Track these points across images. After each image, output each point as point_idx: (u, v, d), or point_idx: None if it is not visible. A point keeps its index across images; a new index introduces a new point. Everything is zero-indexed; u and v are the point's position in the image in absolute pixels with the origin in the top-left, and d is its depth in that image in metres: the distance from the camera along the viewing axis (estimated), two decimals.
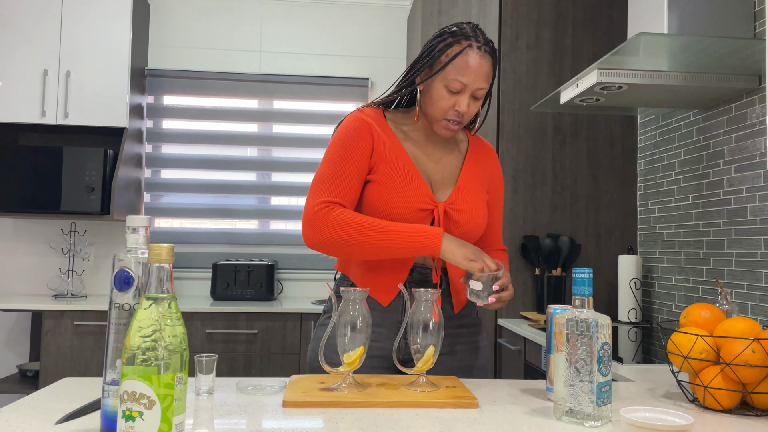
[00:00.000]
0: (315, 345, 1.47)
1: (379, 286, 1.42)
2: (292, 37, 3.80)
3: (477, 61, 1.35)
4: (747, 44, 1.83)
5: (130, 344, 0.77)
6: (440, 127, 1.41)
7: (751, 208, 2.08)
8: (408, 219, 1.38)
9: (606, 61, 1.98)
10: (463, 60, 1.34)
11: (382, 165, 1.40)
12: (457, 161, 1.50)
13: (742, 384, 1.09)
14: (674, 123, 2.57)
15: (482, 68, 1.35)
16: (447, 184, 1.46)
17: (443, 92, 1.37)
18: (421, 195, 1.39)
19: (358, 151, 1.38)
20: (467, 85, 1.35)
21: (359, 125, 1.40)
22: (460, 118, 1.39)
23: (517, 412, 1.08)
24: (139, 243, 0.90)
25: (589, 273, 1.05)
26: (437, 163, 1.47)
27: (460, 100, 1.37)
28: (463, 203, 1.43)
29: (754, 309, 2.05)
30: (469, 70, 1.34)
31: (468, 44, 1.35)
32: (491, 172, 1.54)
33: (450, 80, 1.35)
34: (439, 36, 1.39)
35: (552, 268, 2.76)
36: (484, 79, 1.36)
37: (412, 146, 1.46)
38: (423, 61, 1.39)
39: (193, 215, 3.68)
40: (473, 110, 1.39)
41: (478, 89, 1.37)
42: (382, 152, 1.41)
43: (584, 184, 2.88)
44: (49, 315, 3.00)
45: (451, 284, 1.45)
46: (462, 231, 1.42)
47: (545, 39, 2.89)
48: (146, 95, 3.68)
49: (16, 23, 3.24)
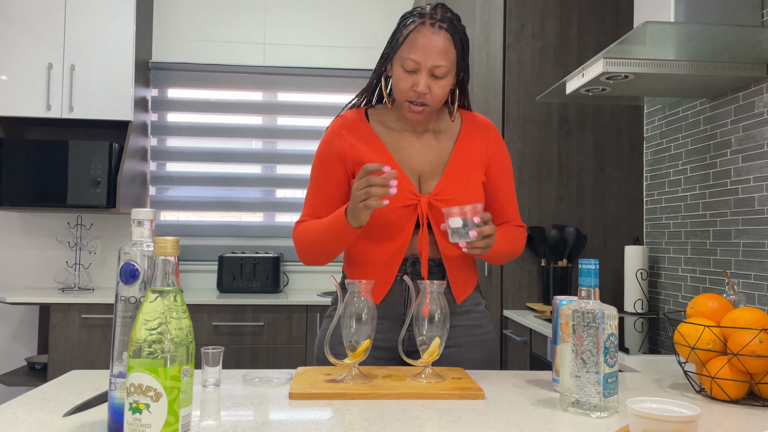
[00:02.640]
0: (322, 336, 1.48)
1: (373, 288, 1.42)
2: (296, 29, 3.79)
3: (428, 36, 1.32)
4: (754, 32, 1.81)
5: (137, 337, 0.77)
6: (405, 111, 1.38)
7: (759, 198, 2.06)
8: (391, 218, 1.37)
9: (612, 51, 1.97)
10: (414, 37, 1.33)
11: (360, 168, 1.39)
12: (447, 146, 1.46)
13: (749, 374, 1.09)
14: (681, 112, 2.55)
15: (434, 45, 1.32)
16: (436, 172, 1.43)
17: (401, 73, 1.35)
18: (401, 191, 1.38)
19: (328, 171, 1.43)
20: (420, 62, 1.32)
21: (326, 145, 1.45)
22: (421, 98, 1.35)
23: (523, 403, 1.08)
24: (144, 236, 0.90)
25: (596, 264, 1.05)
26: (427, 152, 1.44)
27: (417, 79, 1.33)
28: (451, 192, 1.40)
29: (761, 299, 2.04)
30: (418, 46, 1.32)
31: (421, 22, 1.33)
32: (488, 149, 1.48)
33: (404, 59, 1.34)
34: (401, 19, 1.39)
35: (558, 259, 2.76)
36: (439, 55, 1.32)
37: (398, 140, 1.44)
38: (387, 48, 1.40)
39: (199, 208, 3.69)
40: (438, 90, 1.35)
41: (434, 67, 1.32)
42: (357, 157, 1.41)
43: (590, 175, 2.86)
44: (57, 308, 3.01)
45: (450, 276, 1.44)
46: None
47: (550, 29, 2.87)
48: (151, 88, 3.68)
49: (20, 18, 3.24)
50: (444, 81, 1.35)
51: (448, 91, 1.38)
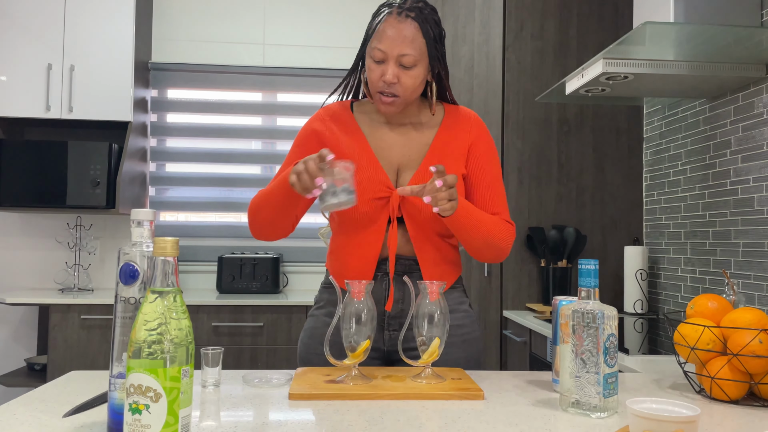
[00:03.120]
0: (306, 336, 1.46)
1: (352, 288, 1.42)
2: (295, 29, 3.79)
3: (394, 25, 1.30)
4: (754, 33, 1.81)
5: (136, 337, 0.77)
6: (378, 102, 1.36)
7: (758, 198, 2.06)
8: (363, 210, 1.36)
9: (611, 51, 1.97)
10: (382, 27, 1.31)
11: (338, 158, 1.39)
12: (427, 138, 1.43)
13: (749, 375, 1.09)
14: (680, 113, 2.55)
15: (400, 32, 1.29)
16: (414, 166, 1.41)
17: (371, 64, 1.34)
18: (375, 184, 1.36)
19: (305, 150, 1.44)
20: (386, 51, 1.30)
21: (308, 126, 1.46)
22: (390, 89, 1.33)
23: (523, 403, 1.08)
24: (144, 236, 0.90)
25: (595, 264, 1.05)
26: (406, 145, 1.42)
27: (384, 69, 1.32)
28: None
29: (761, 299, 2.04)
30: (385, 35, 1.30)
31: (388, 12, 1.32)
32: (470, 141, 1.43)
33: (372, 49, 1.33)
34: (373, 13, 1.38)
35: (557, 259, 2.76)
36: (404, 43, 1.29)
37: (379, 132, 1.43)
38: (362, 42, 1.39)
39: (198, 209, 3.69)
40: (407, 80, 1.32)
41: (401, 55, 1.30)
42: (336, 146, 1.41)
43: (590, 175, 2.86)
44: (56, 309, 3.01)
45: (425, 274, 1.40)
46: (426, 216, 1.36)
47: (550, 29, 2.87)
48: (150, 89, 3.68)
49: (19, 18, 3.24)
50: (413, 71, 1.32)
51: (420, 81, 1.35)
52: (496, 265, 2.83)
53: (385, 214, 1.38)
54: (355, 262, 1.40)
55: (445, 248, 1.44)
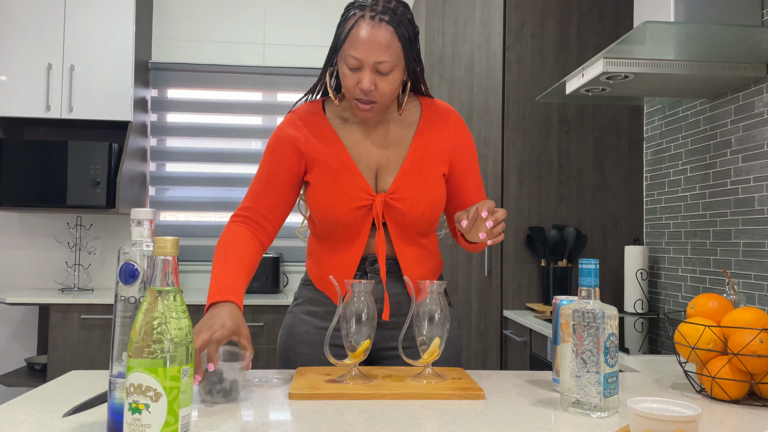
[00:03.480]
0: (285, 334, 1.44)
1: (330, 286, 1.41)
2: (295, 29, 3.79)
3: (368, 32, 1.23)
4: (754, 32, 1.81)
5: (136, 337, 0.77)
6: (354, 109, 1.31)
7: (759, 198, 2.06)
8: (346, 220, 1.32)
9: (612, 51, 1.97)
10: (355, 32, 1.24)
11: (315, 165, 1.36)
12: (407, 139, 1.38)
13: (749, 374, 1.09)
14: (681, 112, 2.55)
15: (375, 39, 1.23)
16: (394, 168, 1.36)
17: (345, 70, 1.27)
18: (355, 191, 1.32)
19: (280, 157, 1.37)
20: (361, 59, 1.24)
21: (280, 131, 1.39)
22: (368, 96, 1.27)
23: (524, 403, 1.08)
24: (144, 236, 0.90)
25: (596, 264, 1.05)
26: (384, 146, 1.37)
27: (360, 76, 1.25)
28: (407, 190, 1.34)
29: (761, 299, 2.04)
30: (359, 42, 1.23)
31: (360, 15, 1.25)
32: (449, 138, 1.40)
33: (346, 56, 1.26)
34: (344, 10, 1.30)
35: (558, 259, 2.75)
36: (380, 50, 1.23)
37: (354, 134, 1.38)
38: (332, 44, 1.33)
39: (198, 208, 3.69)
40: (385, 86, 1.27)
41: (377, 63, 1.24)
42: (312, 152, 1.36)
43: (590, 175, 2.86)
44: (56, 308, 3.01)
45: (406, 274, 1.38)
46: (409, 220, 1.34)
47: (550, 29, 2.87)
48: (150, 89, 3.68)
49: (19, 18, 3.24)
50: (391, 77, 1.27)
51: (398, 85, 1.30)
52: (496, 264, 2.83)
53: (369, 221, 1.35)
54: (336, 267, 1.38)
55: (426, 246, 1.42)
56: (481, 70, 2.92)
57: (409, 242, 1.39)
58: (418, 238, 1.40)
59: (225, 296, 1.20)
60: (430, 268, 1.44)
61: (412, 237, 1.39)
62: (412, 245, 1.39)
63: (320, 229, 1.40)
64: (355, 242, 1.36)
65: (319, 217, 1.36)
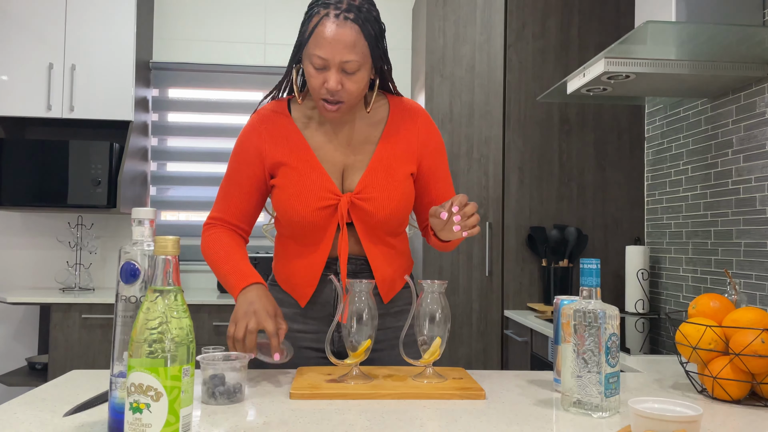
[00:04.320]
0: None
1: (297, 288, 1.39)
2: (296, 28, 3.79)
3: (333, 30, 1.20)
4: (756, 32, 1.81)
5: (137, 337, 0.77)
6: (321, 109, 1.28)
7: (760, 198, 2.06)
8: (311, 220, 1.30)
9: (613, 50, 1.97)
10: (319, 31, 1.21)
11: (280, 168, 1.34)
12: (373, 136, 1.36)
13: (751, 374, 1.09)
14: (682, 112, 2.55)
15: (340, 38, 1.20)
16: (360, 166, 1.34)
17: (311, 70, 1.24)
18: (319, 191, 1.30)
19: (244, 166, 1.37)
20: (327, 59, 1.21)
21: (244, 138, 1.38)
22: (334, 96, 1.24)
23: (525, 403, 1.08)
24: (145, 235, 0.90)
25: (597, 264, 1.04)
26: (351, 145, 1.35)
27: (327, 76, 1.22)
28: (374, 189, 1.31)
29: (763, 299, 2.03)
30: (324, 42, 1.20)
31: (325, 13, 1.21)
32: (418, 137, 1.37)
33: (311, 56, 1.23)
34: (308, 7, 1.27)
35: (559, 259, 2.75)
36: (346, 50, 1.20)
37: (320, 133, 1.35)
38: (297, 41, 1.28)
39: (199, 208, 3.69)
40: (352, 86, 1.24)
41: (342, 62, 1.21)
42: (275, 156, 1.34)
43: (591, 175, 2.86)
44: (57, 308, 3.01)
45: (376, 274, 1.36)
46: (377, 220, 1.32)
47: (551, 28, 2.87)
48: (151, 88, 3.68)
49: (20, 18, 3.24)
50: (357, 76, 1.24)
51: (365, 84, 1.27)
52: (497, 264, 2.82)
53: (334, 221, 1.33)
54: (302, 268, 1.37)
55: (396, 246, 1.40)
56: (482, 69, 2.91)
57: (378, 242, 1.36)
58: (387, 238, 1.38)
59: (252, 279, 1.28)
60: (402, 267, 1.42)
61: (381, 237, 1.36)
62: (381, 245, 1.37)
63: (286, 230, 1.38)
64: (320, 243, 1.34)
65: (284, 218, 1.34)
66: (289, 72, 1.37)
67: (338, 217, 1.32)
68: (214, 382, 1.04)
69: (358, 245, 1.36)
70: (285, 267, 1.40)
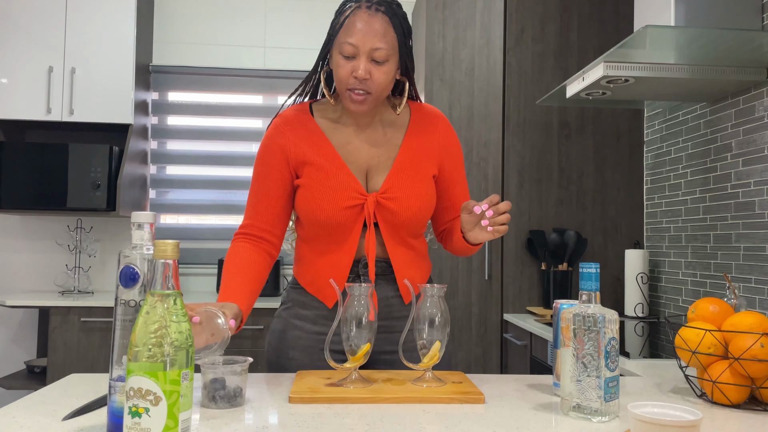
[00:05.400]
0: (274, 339, 1.42)
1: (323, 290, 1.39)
2: (296, 32, 3.80)
3: (364, 19, 1.26)
4: (755, 36, 1.81)
5: (136, 340, 0.77)
6: (347, 101, 1.30)
7: (759, 202, 2.06)
8: (337, 220, 1.32)
9: (612, 54, 1.97)
10: (351, 21, 1.27)
11: (305, 167, 1.35)
12: (396, 139, 1.39)
13: (750, 379, 1.08)
14: (681, 116, 2.55)
15: (371, 26, 1.25)
16: (384, 167, 1.37)
17: (339, 60, 1.28)
18: (346, 191, 1.32)
19: (271, 168, 1.37)
20: (357, 46, 1.25)
21: (268, 140, 1.39)
22: (362, 85, 1.27)
23: (524, 407, 1.08)
24: (144, 239, 0.90)
25: (596, 267, 1.04)
26: (374, 146, 1.38)
27: (356, 64, 1.26)
28: (399, 189, 1.34)
29: (762, 303, 2.03)
30: (355, 29, 1.25)
31: (357, 6, 1.28)
32: (439, 141, 1.41)
33: (341, 44, 1.27)
34: (339, 6, 1.32)
35: (558, 262, 2.75)
36: (377, 37, 1.25)
37: (343, 134, 1.38)
38: (326, 38, 1.33)
39: (199, 211, 3.69)
40: (379, 76, 1.28)
41: (372, 50, 1.26)
42: (301, 155, 1.36)
43: (590, 179, 2.86)
44: (56, 311, 3.01)
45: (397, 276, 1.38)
46: (401, 219, 1.34)
47: (551, 32, 2.87)
48: (151, 92, 3.68)
49: (20, 21, 3.24)
50: (386, 66, 1.28)
51: (392, 78, 1.31)
52: (497, 268, 2.82)
53: (360, 221, 1.34)
54: (328, 270, 1.37)
55: (417, 248, 1.42)
56: (481, 73, 2.92)
57: (401, 243, 1.38)
58: (409, 240, 1.39)
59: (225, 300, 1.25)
60: (422, 270, 1.43)
61: (403, 238, 1.38)
62: (404, 247, 1.39)
63: (309, 232, 1.39)
64: (345, 243, 1.35)
65: (309, 218, 1.35)
66: (313, 73, 1.40)
67: (364, 217, 1.34)
68: (215, 386, 1.04)
69: (381, 247, 1.38)
70: (309, 269, 1.40)
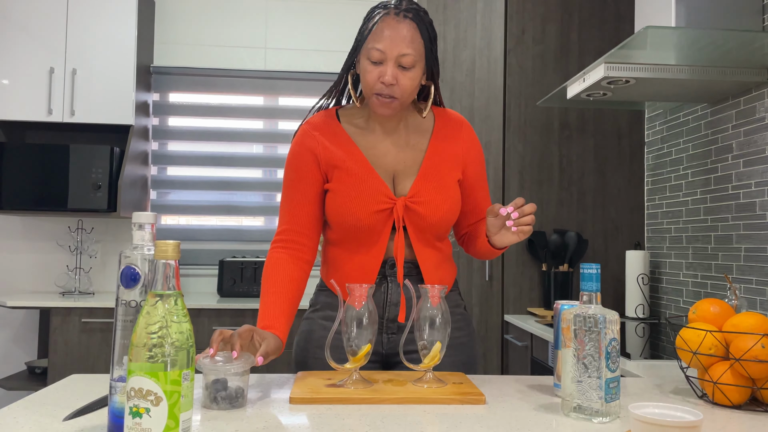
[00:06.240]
0: (303, 340, 1.44)
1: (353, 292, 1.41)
2: (297, 33, 3.80)
3: (393, 25, 1.29)
4: (755, 37, 1.81)
5: (137, 341, 0.77)
6: (375, 105, 1.33)
7: (760, 203, 2.06)
8: (367, 223, 1.34)
9: (613, 55, 1.97)
10: (379, 27, 1.29)
11: (335, 172, 1.37)
12: (421, 144, 1.42)
13: (751, 379, 1.08)
14: (682, 117, 2.55)
15: (399, 32, 1.28)
16: (411, 172, 1.40)
17: (367, 65, 1.31)
18: (376, 195, 1.35)
19: (303, 173, 1.40)
20: (385, 51, 1.28)
21: (297, 146, 1.41)
22: (390, 90, 1.30)
23: (525, 408, 1.08)
24: (145, 240, 0.90)
25: (597, 268, 1.04)
26: (401, 151, 1.40)
27: (383, 69, 1.29)
28: (427, 193, 1.37)
29: (763, 304, 2.03)
30: (383, 35, 1.28)
31: (385, 12, 1.31)
32: (463, 146, 1.44)
33: (369, 50, 1.30)
34: (368, 13, 1.35)
35: (559, 263, 2.75)
36: (404, 43, 1.28)
37: (370, 139, 1.40)
38: (354, 43, 1.36)
39: (200, 212, 3.69)
40: (406, 81, 1.30)
41: (400, 55, 1.28)
42: (330, 159, 1.38)
43: (591, 179, 2.86)
44: (57, 312, 3.01)
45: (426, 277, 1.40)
46: (429, 223, 1.37)
47: (551, 33, 2.87)
48: (152, 92, 3.68)
49: (22, 22, 3.25)
50: (412, 72, 1.31)
51: (417, 83, 1.34)
52: (498, 269, 2.82)
53: (388, 224, 1.37)
54: (356, 272, 1.39)
55: (443, 250, 1.45)
56: (482, 74, 2.92)
57: (428, 246, 1.41)
58: (435, 242, 1.42)
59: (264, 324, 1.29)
60: (448, 272, 1.46)
61: (430, 241, 1.41)
62: (430, 249, 1.41)
63: (338, 235, 1.41)
64: (374, 246, 1.38)
65: (338, 221, 1.37)
66: (341, 79, 1.42)
67: (393, 220, 1.37)
68: (216, 387, 1.04)
69: (409, 248, 1.41)
70: (337, 272, 1.42)
